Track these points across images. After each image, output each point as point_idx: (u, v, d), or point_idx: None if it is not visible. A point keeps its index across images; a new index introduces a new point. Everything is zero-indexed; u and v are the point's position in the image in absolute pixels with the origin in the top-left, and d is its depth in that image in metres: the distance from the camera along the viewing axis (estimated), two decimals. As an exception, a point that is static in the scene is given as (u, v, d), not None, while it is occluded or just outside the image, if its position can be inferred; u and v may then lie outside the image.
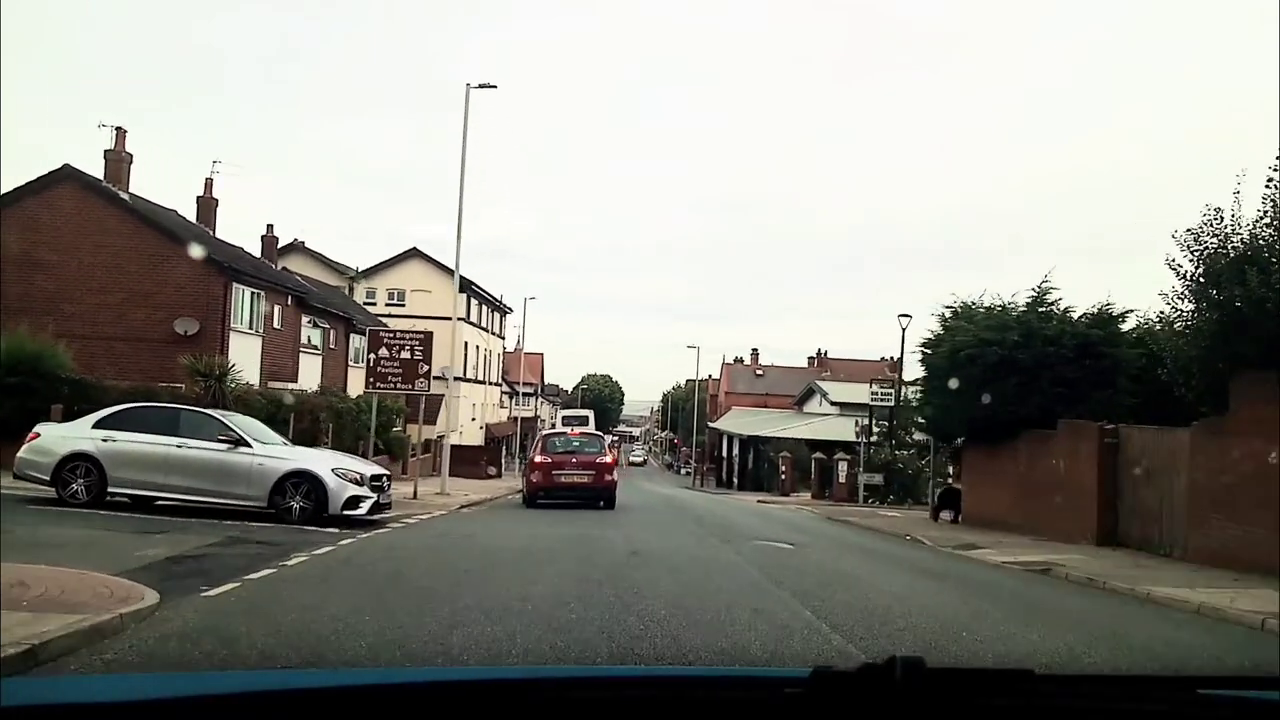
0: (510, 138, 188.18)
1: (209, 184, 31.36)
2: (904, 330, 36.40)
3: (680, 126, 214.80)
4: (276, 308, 29.19)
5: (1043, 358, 19.40)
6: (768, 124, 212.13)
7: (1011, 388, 19.56)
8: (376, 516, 14.04)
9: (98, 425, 13.60)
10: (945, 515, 23.82)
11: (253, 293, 27.49)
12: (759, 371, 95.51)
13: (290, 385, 28.62)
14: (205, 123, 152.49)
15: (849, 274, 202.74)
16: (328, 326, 33.73)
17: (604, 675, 1.96)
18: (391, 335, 20.71)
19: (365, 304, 49.94)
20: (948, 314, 22.55)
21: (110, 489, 13.39)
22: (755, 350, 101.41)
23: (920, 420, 26.77)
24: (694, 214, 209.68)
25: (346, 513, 13.28)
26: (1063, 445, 18.44)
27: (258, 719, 1.36)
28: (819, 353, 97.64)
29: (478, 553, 9.85)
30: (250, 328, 27.49)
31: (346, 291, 51.67)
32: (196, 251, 27.24)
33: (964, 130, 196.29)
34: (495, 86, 23.90)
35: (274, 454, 13.56)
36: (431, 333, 21.18)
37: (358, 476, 13.63)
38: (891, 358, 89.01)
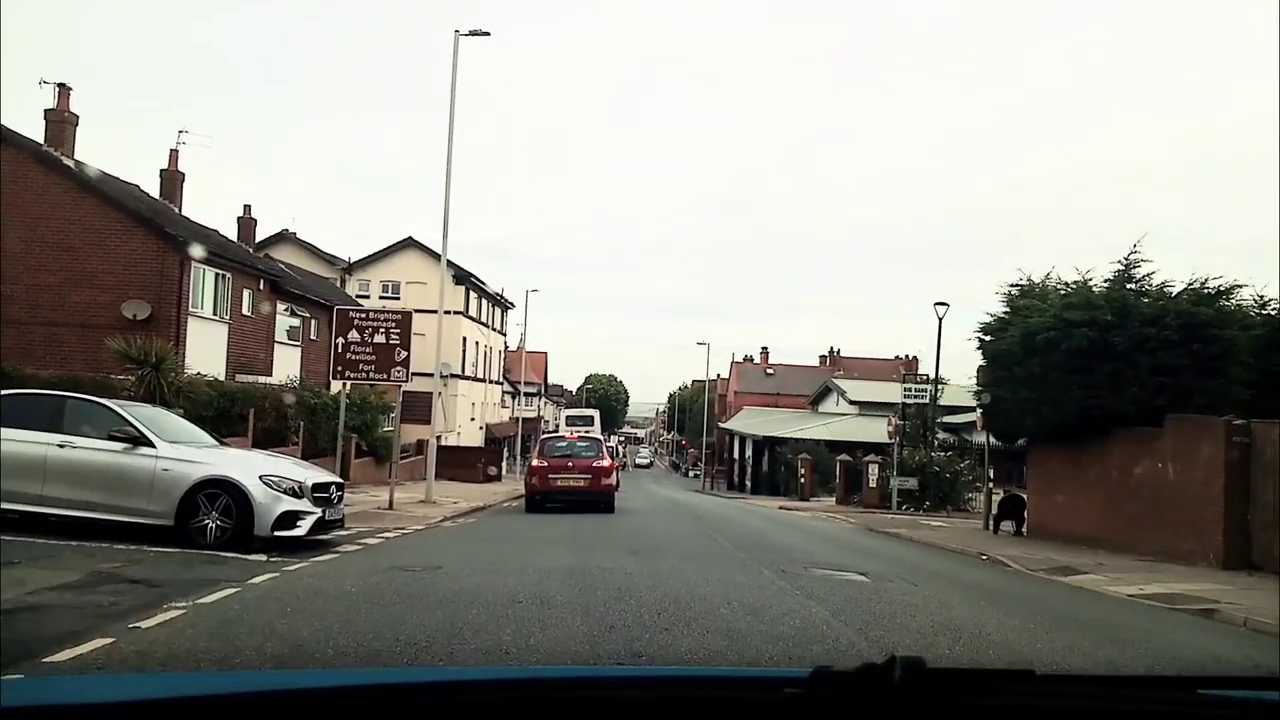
0: (511, 139, 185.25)
1: (174, 156, 28.22)
2: (940, 320, 33.23)
3: (680, 126, 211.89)
4: (246, 292, 26.03)
5: (1141, 341, 16.18)
6: (768, 123, 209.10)
7: (1102, 377, 16.36)
8: (323, 536, 10.91)
9: None
10: (1006, 527, 20.62)
11: (217, 274, 24.32)
12: (769, 370, 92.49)
13: (263, 379, 25.51)
14: (206, 122, 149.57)
15: (852, 274, 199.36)
16: (308, 315, 30.53)
17: (604, 675, 1.83)
18: (363, 316, 17.51)
19: (359, 297, 46.84)
20: (1015, 293, 19.35)
21: None
22: (765, 349, 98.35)
23: (948, 420, 23.49)
24: (695, 213, 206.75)
25: (279, 533, 10.18)
26: (1172, 445, 15.23)
27: (258, 719, 1.33)
28: (831, 351, 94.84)
29: (435, 604, 6.63)
30: (214, 313, 24.33)
31: (338, 283, 48.64)
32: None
33: (965, 129, 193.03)
34: (488, 34, 20.78)
35: (183, 456, 10.39)
36: (410, 313, 18.00)
37: (294, 486, 10.48)
38: (907, 355, 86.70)
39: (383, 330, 17.17)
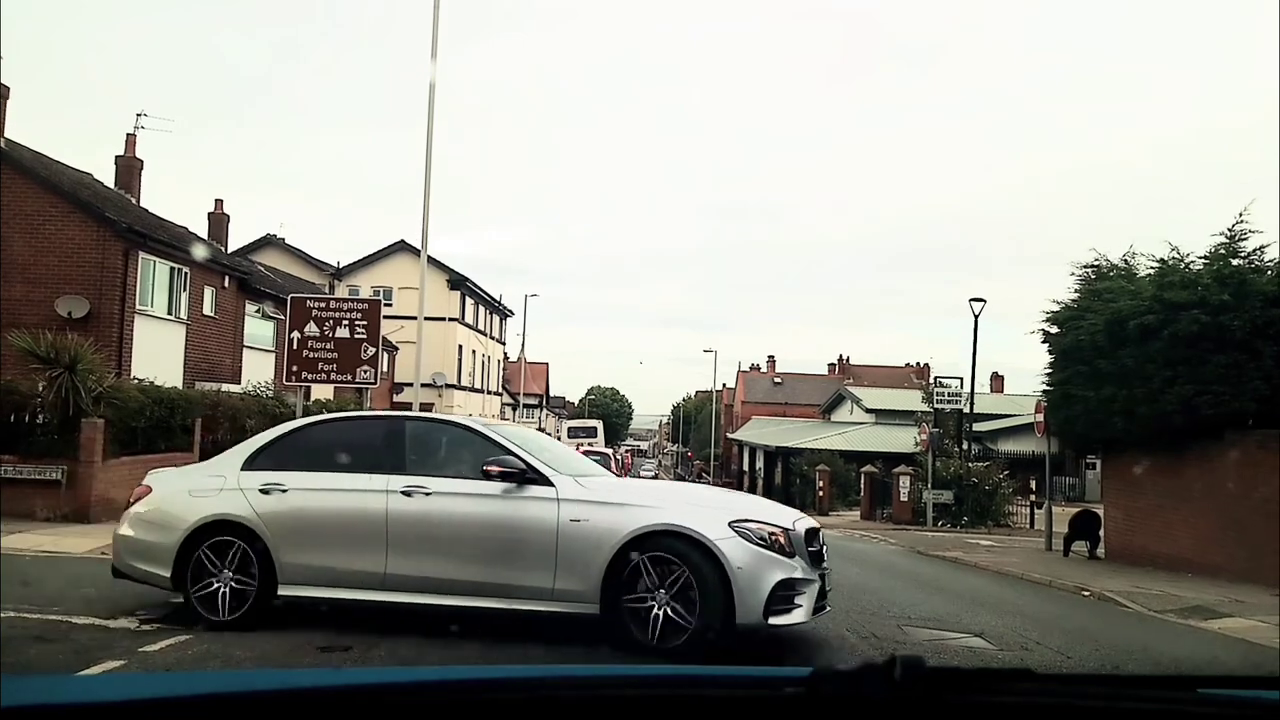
0: (511, 152, 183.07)
1: (130, 141, 25.41)
2: (976, 316, 30.41)
3: (679, 134, 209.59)
4: (209, 290, 23.25)
5: (1264, 325, 13.36)
6: (767, 134, 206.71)
7: (1216, 369, 13.53)
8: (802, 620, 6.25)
9: (255, 462, 7.20)
10: (1078, 548, 17.75)
11: (172, 268, 21.53)
12: (777, 379, 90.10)
13: (230, 387, 22.69)
14: (209, 133, 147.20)
15: (855, 282, 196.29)
16: (282, 317, 27.68)
17: (604, 675, 1.72)
18: (323, 305, 14.66)
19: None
20: (1093, 275, 16.53)
21: (283, 590, 6.78)
22: (771, 357, 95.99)
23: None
24: (694, 224, 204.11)
25: (776, 621, 5.99)
26: (1315, 452, 12.38)
27: (258, 719, 1.33)
28: (841, 359, 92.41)
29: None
30: (169, 312, 21.53)
31: (327, 289, 45.91)
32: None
33: (962, 133, 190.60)
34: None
35: (599, 496, 6.47)
36: (379, 301, 15.22)
37: (780, 538, 6.17)
38: (918, 363, 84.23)
39: (346, 322, 14.34)
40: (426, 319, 33.64)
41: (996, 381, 67.50)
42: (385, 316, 41.49)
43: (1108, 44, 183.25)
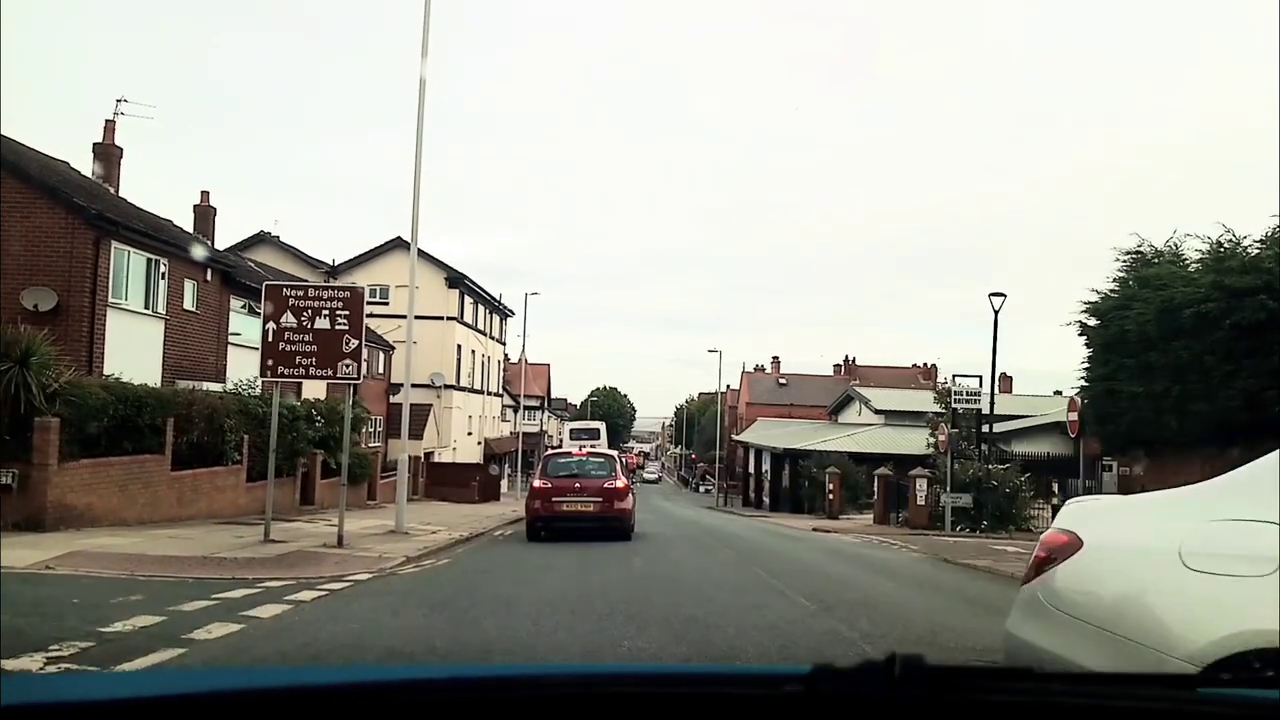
0: (511, 155, 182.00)
1: (109, 128, 24.21)
2: (996, 312, 29.07)
3: (676, 140, 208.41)
4: (189, 283, 22.02)
5: (1338, 312, 12.10)
6: (766, 134, 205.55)
7: (1284, 361, 12.26)
8: None
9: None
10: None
11: (149, 259, 20.29)
12: (782, 380, 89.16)
13: (211, 385, 21.47)
14: (206, 138, 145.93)
15: (852, 281, 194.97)
16: (269, 313, 26.45)
17: (603, 674, 1.68)
18: (301, 294, 13.40)
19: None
20: (1137, 262, 15.27)
21: None
22: (776, 358, 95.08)
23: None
24: (693, 223, 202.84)
25: None
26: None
27: (259, 718, 1.31)
28: (847, 359, 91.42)
29: None
30: (145, 306, 20.29)
31: (322, 288, 44.80)
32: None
33: (962, 134, 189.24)
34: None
35: None
36: (361, 290, 13.94)
37: None
38: (925, 363, 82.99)
39: (327, 313, 13.09)
40: (423, 318, 32.33)
41: (1005, 382, 66.42)
42: (382, 315, 39.83)
43: (1107, 44, 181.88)
